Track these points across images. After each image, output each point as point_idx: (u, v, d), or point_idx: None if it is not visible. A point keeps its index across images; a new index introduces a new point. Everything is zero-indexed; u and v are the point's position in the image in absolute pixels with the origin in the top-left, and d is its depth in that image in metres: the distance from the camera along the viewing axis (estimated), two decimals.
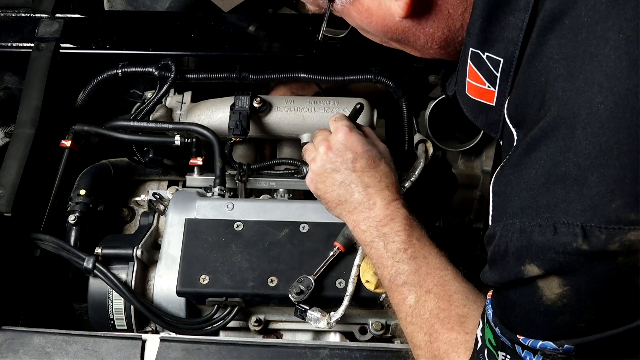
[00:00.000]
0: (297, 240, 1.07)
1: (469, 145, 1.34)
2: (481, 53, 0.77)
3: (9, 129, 1.35)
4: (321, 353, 0.97)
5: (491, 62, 0.76)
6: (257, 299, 1.05)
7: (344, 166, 1.00)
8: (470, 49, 0.78)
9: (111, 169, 1.29)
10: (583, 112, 0.60)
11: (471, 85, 0.82)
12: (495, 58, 0.76)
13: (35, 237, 1.12)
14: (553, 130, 0.63)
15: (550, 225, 0.60)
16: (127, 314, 1.10)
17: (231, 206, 1.11)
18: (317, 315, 1.02)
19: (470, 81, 0.82)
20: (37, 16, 1.38)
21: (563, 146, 0.61)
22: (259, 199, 1.20)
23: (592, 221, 0.58)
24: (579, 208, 0.59)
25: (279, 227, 1.08)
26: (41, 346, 0.98)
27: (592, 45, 0.61)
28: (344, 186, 0.99)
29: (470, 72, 0.80)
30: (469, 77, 0.81)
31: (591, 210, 0.58)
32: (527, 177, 0.65)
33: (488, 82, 0.79)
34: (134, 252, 1.10)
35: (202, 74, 1.30)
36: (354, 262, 1.03)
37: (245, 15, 1.39)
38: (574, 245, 0.59)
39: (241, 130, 1.20)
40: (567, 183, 0.60)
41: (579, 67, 0.62)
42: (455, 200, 1.45)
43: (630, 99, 0.58)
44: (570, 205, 0.60)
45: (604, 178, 0.58)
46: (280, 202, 1.14)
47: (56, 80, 1.31)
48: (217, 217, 1.10)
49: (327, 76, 1.29)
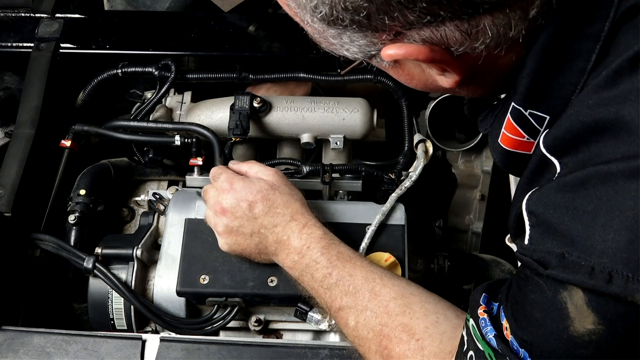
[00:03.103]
0: None
1: (469, 145, 1.34)
2: (523, 110, 0.74)
3: (9, 129, 1.35)
4: (321, 353, 0.97)
5: (535, 118, 0.73)
6: (257, 299, 1.05)
7: (245, 218, 1.00)
8: (513, 104, 0.75)
9: (111, 169, 1.29)
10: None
11: (506, 137, 0.78)
12: (541, 115, 0.73)
13: (35, 237, 1.12)
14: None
15: (605, 272, 0.58)
16: (127, 314, 1.10)
17: None
18: (318, 317, 1.02)
19: (505, 132, 0.78)
20: (37, 16, 1.38)
21: (637, 189, 0.58)
22: None
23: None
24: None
25: None
26: (41, 346, 0.98)
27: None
28: (255, 235, 1.00)
29: (508, 124, 0.77)
30: (505, 128, 0.78)
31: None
32: (583, 209, 0.61)
33: (528, 135, 0.75)
34: (134, 252, 1.10)
35: (202, 74, 1.30)
36: None
37: (245, 15, 1.39)
38: (629, 299, 0.57)
39: (241, 130, 1.20)
40: (635, 231, 0.57)
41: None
42: (455, 200, 1.45)
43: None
44: (633, 256, 0.57)
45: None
46: None
47: (56, 80, 1.30)
48: None
49: (327, 76, 1.29)
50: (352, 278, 0.90)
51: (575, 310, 0.61)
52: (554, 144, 0.69)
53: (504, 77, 0.76)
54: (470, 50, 0.68)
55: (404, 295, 0.86)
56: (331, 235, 0.97)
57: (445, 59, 0.69)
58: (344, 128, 1.25)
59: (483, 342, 0.70)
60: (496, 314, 0.72)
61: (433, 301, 0.86)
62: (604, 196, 0.60)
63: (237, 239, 1.01)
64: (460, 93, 0.83)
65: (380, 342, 0.83)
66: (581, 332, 0.61)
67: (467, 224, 1.46)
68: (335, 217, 1.10)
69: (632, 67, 0.63)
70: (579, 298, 0.60)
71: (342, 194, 1.26)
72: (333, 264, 0.92)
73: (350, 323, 0.88)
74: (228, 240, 1.02)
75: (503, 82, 0.77)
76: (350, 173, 1.22)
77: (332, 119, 1.24)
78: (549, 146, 0.70)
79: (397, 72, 0.79)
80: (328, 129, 1.25)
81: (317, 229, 0.97)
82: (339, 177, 1.23)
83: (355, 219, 1.10)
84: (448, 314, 0.83)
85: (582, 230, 0.60)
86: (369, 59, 0.76)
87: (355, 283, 0.89)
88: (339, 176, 1.23)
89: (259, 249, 1.01)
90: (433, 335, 0.81)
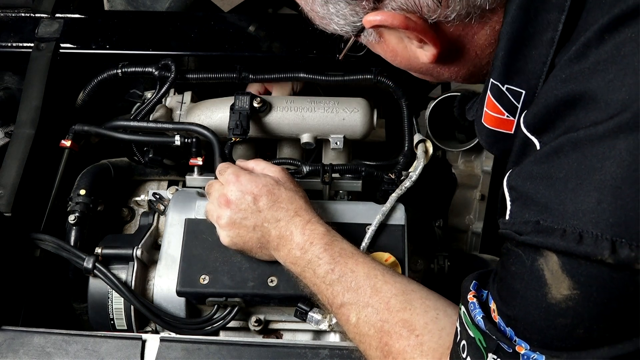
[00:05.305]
0: None
1: (469, 145, 1.34)
2: (500, 85, 0.77)
3: (9, 129, 1.35)
4: (321, 353, 0.97)
5: (512, 93, 0.76)
6: (257, 299, 1.05)
7: (249, 211, 1.00)
8: (491, 80, 0.78)
9: (111, 169, 1.29)
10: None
11: (488, 115, 0.81)
12: (517, 90, 0.76)
13: (35, 237, 1.12)
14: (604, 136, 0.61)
15: (575, 233, 0.60)
16: (127, 314, 1.10)
17: None
18: (318, 317, 1.02)
19: (487, 111, 0.81)
20: (37, 16, 1.38)
21: (603, 152, 0.60)
22: None
23: (623, 236, 0.58)
24: (611, 221, 0.58)
25: None
26: (41, 346, 0.98)
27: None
28: (258, 228, 1.00)
29: (488, 102, 0.80)
30: (486, 107, 0.81)
31: (624, 226, 0.58)
32: (556, 176, 0.63)
33: (507, 112, 0.78)
34: (134, 252, 1.10)
35: (202, 74, 1.30)
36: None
37: (245, 15, 1.39)
38: (599, 258, 0.58)
39: (241, 130, 1.20)
40: (603, 192, 0.59)
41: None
42: (455, 200, 1.45)
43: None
44: (601, 216, 0.59)
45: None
46: None
47: (56, 80, 1.30)
48: None
49: (327, 76, 1.29)
50: (354, 274, 0.91)
51: (551, 276, 0.62)
52: (533, 122, 0.72)
53: (485, 57, 0.80)
54: (443, 19, 0.74)
55: (405, 292, 0.87)
56: (334, 233, 0.98)
57: (420, 27, 0.74)
58: (344, 128, 1.25)
59: (473, 328, 0.72)
60: (485, 300, 0.74)
61: (433, 298, 0.86)
62: (574, 162, 0.62)
63: (239, 231, 1.01)
64: (442, 74, 0.86)
65: (380, 338, 0.84)
66: (558, 299, 0.62)
67: (467, 224, 1.46)
68: (335, 217, 1.10)
69: (599, 40, 0.65)
70: (554, 263, 0.62)
71: (342, 194, 1.26)
72: (335, 260, 0.93)
73: (351, 319, 0.88)
74: (230, 233, 1.02)
75: (485, 67, 0.81)
76: (350, 173, 1.22)
77: (332, 119, 1.24)
78: (528, 125, 0.72)
79: (382, 48, 0.85)
80: (328, 129, 1.25)
81: (320, 225, 0.98)
82: (339, 177, 1.23)
83: (355, 219, 1.10)
84: (448, 310, 0.84)
85: (554, 196, 0.63)
86: (357, 35, 0.82)
87: (357, 279, 0.90)
88: (339, 176, 1.23)
89: (261, 243, 1.01)
90: (432, 331, 0.81)
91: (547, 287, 0.63)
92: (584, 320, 0.62)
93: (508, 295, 0.68)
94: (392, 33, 0.80)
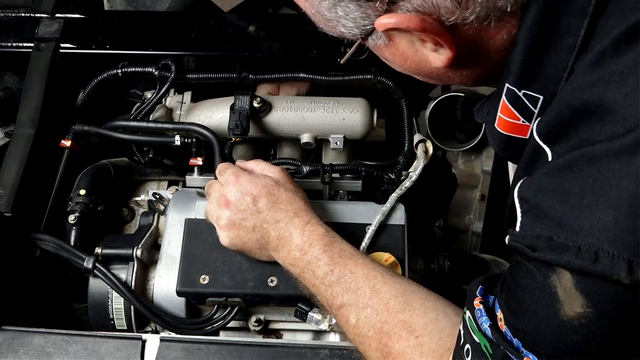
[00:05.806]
0: None
1: (469, 145, 1.34)
2: (517, 90, 0.74)
3: (9, 129, 1.35)
4: (321, 353, 0.97)
5: (529, 99, 0.74)
6: (257, 299, 1.05)
7: (249, 212, 1.00)
8: (507, 85, 0.75)
9: (111, 169, 1.29)
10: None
11: (502, 120, 0.79)
12: (534, 95, 0.73)
13: (35, 237, 1.12)
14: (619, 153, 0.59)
15: (591, 252, 0.59)
16: (127, 314, 1.10)
17: None
18: (318, 317, 1.02)
19: (501, 116, 0.79)
20: (37, 16, 1.38)
21: (620, 169, 0.59)
22: None
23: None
24: (628, 240, 0.57)
25: None
26: (41, 346, 0.98)
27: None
28: (257, 229, 1.00)
29: (503, 107, 0.77)
30: (500, 112, 0.78)
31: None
32: (571, 191, 0.62)
33: (523, 118, 0.76)
34: (134, 252, 1.10)
35: (202, 74, 1.30)
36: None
37: (245, 15, 1.39)
38: (615, 277, 0.57)
39: (241, 130, 1.20)
40: (620, 210, 0.58)
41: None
42: (455, 200, 1.45)
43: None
44: (618, 235, 0.58)
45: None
46: None
47: (56, 80, 1.30)
48: None
49: (327, 76, 1.29)
50: (353, 275, 0.91)
51: (564, 293, 0.61)
52: (545, 130, 0.70)
53: (498, 61, 0.77)
54: (461, 21, 0.70)
55: (405, 293, 0.86)
56: (333, 234, 0.98)
57: (437, 29, 0.71)
58: (344, 128, 1.25)
59: (479, 334, 0.71)
60: (492, 306, 0.73)
61: (433, 299, 0.86)
62: (589, 177, 0.61)
63: (238, 232, 1.01)
64: (453, 79, 0.83)
65: (380, 340, 0.84)
66: (571, 316, 0.61)
67: (467, 224, 1.46)
68: (335, 217, 1.10)
69: (615, 49, 0.64)
70: (567, 281, 0.61)
71: (342, 194, 1.26)
72: (335, 262, 0.93)
73: (351, 321, 0.88)
74: (229, 234, 1.02)
75: (496, 70, 0.78)
76: (350, 173, 1.22)
77: (332, 119, 1.24)
78: (541, 133, 0.70)
79: (391, 52, 0.80)
80: (328, 129, 1.25)
81: (319, 226, 0.98)
82: (339, 177, 1.23)
83: (355, 219, 1.10)
84: (448, 311, 0.84)
85: (569, 212, 0.61)
86: (365, 38, 0.78)
87: (356, 280, 0.90)
88: (339, 176, 1.23)
89: (260, 244, 1.01)
90: (432, 332, 0.81)
91: (560, 304, 0.62)
92: (596, 338, 0.61)
93: (517, 308, 0.67)
94: (403, 36, 0.76)
